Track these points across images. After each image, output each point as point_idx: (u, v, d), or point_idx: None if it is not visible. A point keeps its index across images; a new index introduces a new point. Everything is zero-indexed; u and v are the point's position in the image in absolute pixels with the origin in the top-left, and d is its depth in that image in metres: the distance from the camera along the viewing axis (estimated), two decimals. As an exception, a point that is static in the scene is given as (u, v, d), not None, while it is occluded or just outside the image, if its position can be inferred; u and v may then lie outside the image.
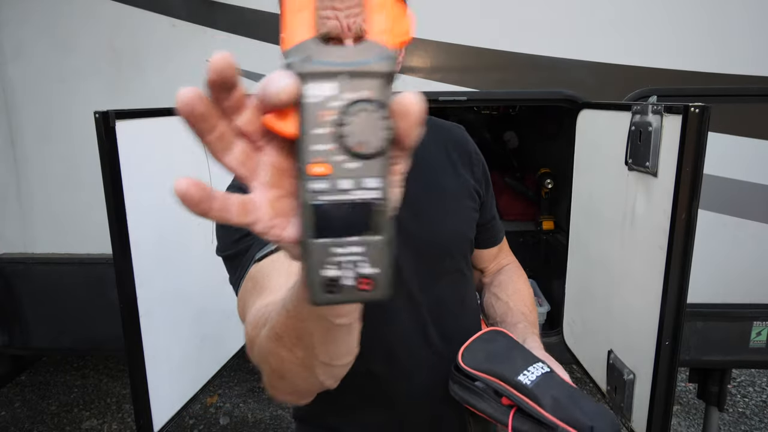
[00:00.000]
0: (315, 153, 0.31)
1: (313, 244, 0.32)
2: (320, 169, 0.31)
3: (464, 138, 1.04)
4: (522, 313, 0.99)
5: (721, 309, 1.88)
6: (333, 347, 0.50)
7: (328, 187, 0.31)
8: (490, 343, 0.83)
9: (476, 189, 1.00)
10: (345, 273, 0.32)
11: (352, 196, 0.32)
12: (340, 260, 0.32)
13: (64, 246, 2.07)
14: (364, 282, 0.33)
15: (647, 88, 1.80)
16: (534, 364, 0.77)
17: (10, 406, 3.01)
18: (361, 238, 0.32)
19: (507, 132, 3.35)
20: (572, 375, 3.27)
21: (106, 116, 1.33)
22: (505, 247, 1.15)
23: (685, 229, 1.10)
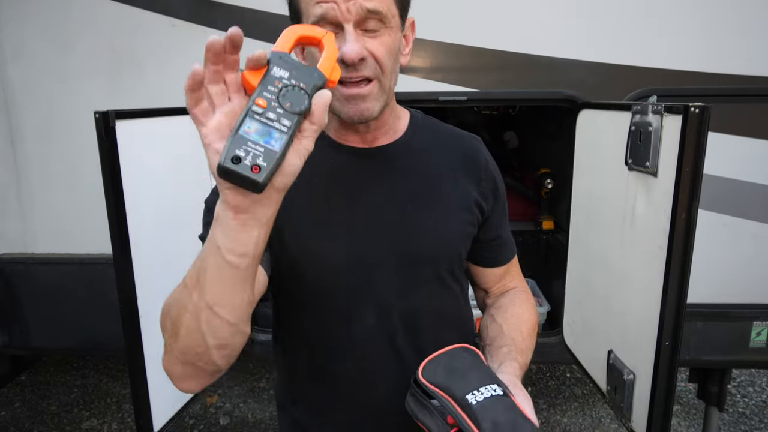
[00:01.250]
0: (262, 96, 0.55)
1: (240, 134, 0.53)
2: (262, 102, 0.55)
3: (476, 149, 1.00)
4: (512, 338, 0.93)
5: (721, 309, 1.88)
6: (220, 289, 0.62)
7: (261, 112, 0.54)
8: (454, 359, 0.79)
9: (478, 203, 0.96)
10: (246, 156, 0.52)
11: (273, 124, 0.54)
12: (249, 150, 0.53)
13: (64, 246, 2.07)
14: (255, 168, 0.52)
15: (647, 88, 1.80)
16: (488, 385, 0.72)
17: (10, 406, 3.01)
18: (266, 145, 0.53)
19: (507, 132, 3.36)
20: (572, 375, 3.27)
21: (106, 116, 1.33)
22: (513, 270, 1.09)
23: (685, 229, 1.10)
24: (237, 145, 0.52)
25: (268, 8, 1.86)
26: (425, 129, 0.98)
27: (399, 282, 0.89)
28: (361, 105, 0.82)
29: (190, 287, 0.64)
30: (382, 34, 0.81)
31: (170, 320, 0.67)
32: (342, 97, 0.82)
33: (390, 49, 0.82)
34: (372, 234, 0.87)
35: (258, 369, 3.39)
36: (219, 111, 0.57)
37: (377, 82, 0.82)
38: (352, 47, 0.77)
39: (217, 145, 0.56)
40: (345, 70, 0.79)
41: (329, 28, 0.78)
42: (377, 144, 0.92)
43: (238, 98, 0.57)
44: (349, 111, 0.82)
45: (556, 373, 3.34)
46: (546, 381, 3.27)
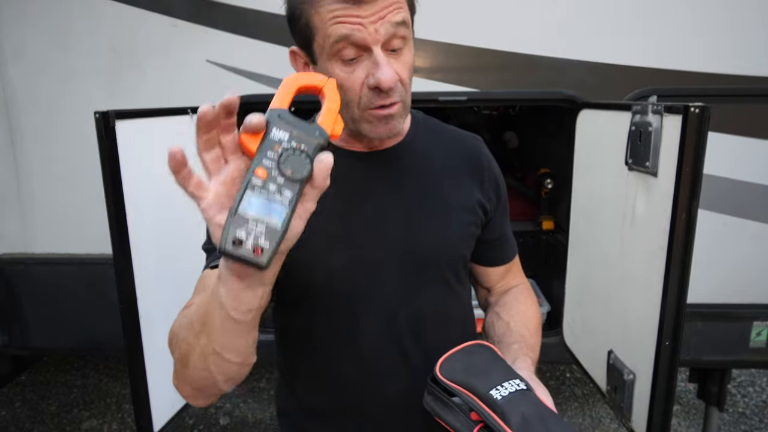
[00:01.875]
0: (262, 164, 0.51)
1: (238, 212, 0.49)
2: (261, 173, 0.50)
3: (478, 150, 1.00)
4: (521, 335, 0.94)
5: (721, 309, 1.88)
6: (226, 339, 0.62)
7: (261, 185, 0.50)
8: (472, 356, 0.79)
9: (481, 204, 0.95)
10: (248, 238, 0.49)
11: (274, 196, 0.51)
12: (250, 230, 0.49)
13: (64, 246, 2.07)
14: (258, 249, 0.50)
15: (647, 88, 1.80)
16: (511, 380, 0.72)
17: (10, 406, 3.01)
18: (267, 224, 0.50)
19: (507, 132, 3.36)
20: (572, 375, 3.27)
21: (106, 116, 1.33)
22: (515, 268, 1.10)
23: (685, 229, 1.10)
24: (237, 225, 0.49)
25: (269, 8, 1.86)
26: (427, 130, 0.97)
27: (404, 285, 0.88)
28: (391, 124, 0.81)
29: (197, 330, 0.64)
30: (404, 52, 0.79)
31: (178, 352, 0.68)
32: (374, 119, 0.80)
33: (411, 66, 0.81)
34: (376, 237, 0.87)
35: (258, 369, 3.39)
36: (215, 180, 0.53)
37: (401, 102, 0.81)
38: (387, 73, 0.74)
39: (219, 219, 0.52)
40: (377, 97, 0.77)
41: (351, 51, 0.75)
42: (381, 147, 0.91)
43: (236, 161, 0.53)
44: (380, 131, 0.81)
45: (556, 373, 3.34)
46: (546, 381, 3.26)
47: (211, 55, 1.92)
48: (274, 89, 1.92)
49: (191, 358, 0.66)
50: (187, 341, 0.66)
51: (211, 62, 1.92)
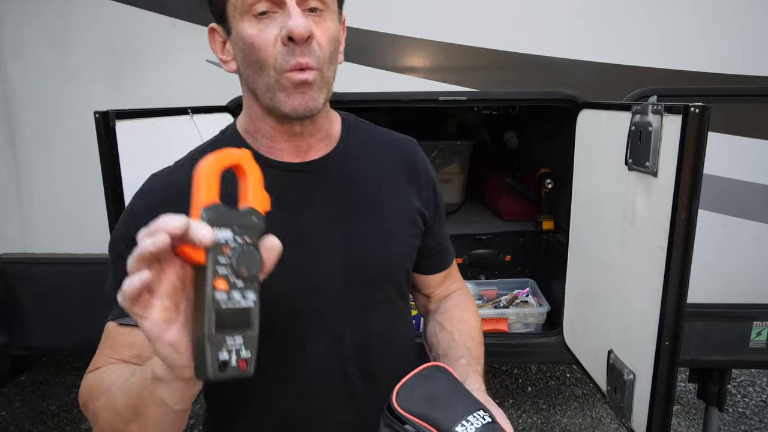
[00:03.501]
0: (219, 274, 0.47)
1: (215, 336, 0.47)
2: (222, 285, 0.47)
3: (414, 154, 0.94)
4: (466, 347, 0.90)
5: (721, 309, 1.88)
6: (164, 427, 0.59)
7: (225, 298, 0.48)
8: (430, 381, 0.73)
9: (421, 213, 0.91)
10: (232, 357, 0.47)
11: (240, 305, 0.48)
12: (230, 348, 0.47)
13: (64, 246, 2.07)
14: (242, 363, 0.48)
15: (647, 88, 1.80)
16: (475, 413, 0.68)
17: (10, 406, 3.01)
18: (242, 332, 0.48)
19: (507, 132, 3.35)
20: (572, 375, 3.27)
21: (106, 116, 1.33)
22: (453, 272, 1.06)
23: (685, 229, 1.10)
24: (216, 349, 0.46)
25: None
26: (359, 135, 0.91)
27: (348, 306, 0.83)
28: (308, 94, 0.73)
29: (126, 419, 0.60)
30: (324, 17, 0.74)
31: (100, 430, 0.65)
32: (289, 84, 0.73)
33: (332, 37, 0.75)
34: (315, 256, 0.81)
35: (258, 369, 3.39)
36: (159, 295, 0.48)
37: (319, 72, 0.74)
38: (300, 21, 0.69)
39: (168, 337, 0.48)
40: (290, 54, 0.71)
41: (263, 6, 0.71)
42: (311, 155, 0.84)
43: (173, 267, 0.48)
44: (294, 102, 0.73)
45: (556, 373, 3.34)
46: (546, 381, 3.26)
47: (211, 55, 1.91)
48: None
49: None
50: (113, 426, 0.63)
51: (211, 62, 1.92)
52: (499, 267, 2.59)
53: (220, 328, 0.47)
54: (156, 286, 0.48)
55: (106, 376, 0.71)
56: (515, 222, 2.78)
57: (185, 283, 0.49)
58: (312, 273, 0.81)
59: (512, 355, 2.24)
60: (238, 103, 1.89)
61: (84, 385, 0.73)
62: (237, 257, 0.48)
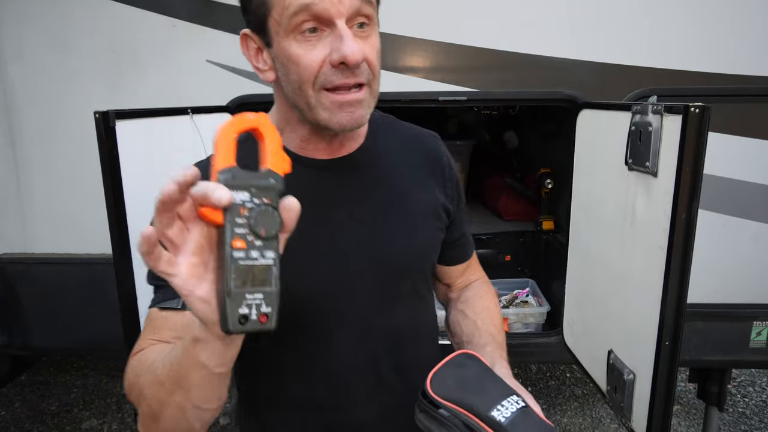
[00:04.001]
0: (236, 234, 0.49)
1: (234, 291, 0.49)
2: (239, 244, 0.49)
3: (438, 150, 0.95)
4: (490, 334, 0.92)
5: (721, 309, 1.88)
6: (207, 392, 0.61)
7: (243, 256, 0.49)
8: (461, 369, 0.76)
9: (445, 207, 0.92)
10: (252, 311, 0.50)
11: (258, 263, 0.50)
12: (250, 302, 0.49)
13: (64, 246, 2.07)
14: (263, 317, 0.50)
15: (647, 88, 1.80)
16: (509, 398, 0.70)
17: (10, 406, 3.01)
18: (262, 289, 0.50)
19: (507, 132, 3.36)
20: (572, 375, 3.27)
21: (106, 116, 1.33)
22: (474, 262, 1.08)
23: (685, 229, 1.10)
24: (236, 304, 0.49)
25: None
26: (386, 130, 0.92)
27: (377, 299, 0.85)
28: (357, 112, 0.73)
29: (169, 389, 0.62)
30: (371, 33, 0.73)
31: (146, 407, 0.66)
32: (334, 105, 0.72)
33: (378, 51, 0.75)
34: (344, 251, 0.82)
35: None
36: (185, 253, 0.50)
37: (367, 88, 0.74)
38: (355, 46, 0.68)
39: (200, 292, 0.51)
40: (341, 76, 0.70)
41: (311, 24, 0.69)
42: (342, 152, 0.85)
43: (197, 227, 0.51)
44: (342, 119, 0.73)
45: (556, 373, 3.34)
46: (546, 381, 3.26)
47: (211, 55, 1.92)
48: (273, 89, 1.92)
49: (165, 413, 0.64)
50: (158, 398, 0.64)
51: (211, 62, 1.92)
52: (499, 267, 2.60)
53: (238, 284, 0.49)
54: (181, 244, 0.50)
55: (149, 354, 0.72)
56: (515, 222, 2.78)
57: (211, 242, 0.51)
58: (342, 268, 0.82)
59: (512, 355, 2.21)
60: (238, 103, 1.89)
61: (128, 368, 0.75)
62: (255, 217, 0.50)
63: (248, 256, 0.50)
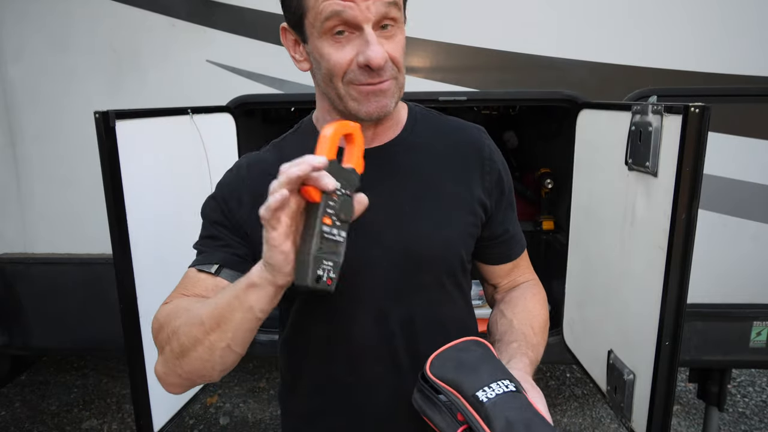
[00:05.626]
0: (326, 213, 0.64)
1: (317, 255, 0.63)
2: (328, 221, 0.64)
3: (480, 142, 0.95)
4: (523, 333, 0.91)
5: (721, 309, 1.88)
6: (242, 334, 0.71)
7: (328, 230, 0.64)
8: (463, 353, 0.76)
9: (482, 201, 0.92)
10: (325, 273, 0.64)
11: (336, 237, 0.65)
12: (325, 267, 0.64)
13: (64, 246, 2.07)
14: (330, 281, 0.65)
15: (647, 88, 1.80)
16: (500, 381, 0.69)
17: (10, 406, 3.01)
18: (334, 259, 0.65)
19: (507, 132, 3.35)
20: (572, 375, 3.27)
21: (106, 116, 1.33)
22: (523, 263, 1.05)
23: (685, 229, 1.10)
24: (316, 266, 0.62)
25: (269, 8, 1.86)
26: (425, 123, 0.94)
27: (397, 286, 0.87)
28: (382, 101, 0.79)
29: (208, 328, 0.71)
30: (396, 33, 0.79)
31: (176, 344, 0.74)
32: (362, 94, 0.79)
33: (403, 47, 0.80)
34: (372, 237, 0.85)
35: (258, 369, 3.39)
36: (283, 215, 0.62)
37: (394, 80, 0.80)
38: (377, 51, 0.74)
39: (284, 247, 0.63)
40: (367, 76, 0.77)
41: (341, 28, 0.75)
42: (377, 141, 0.89)
43: (295, 198, 0.63)
44: (369, 108, 0.79)
45: (556, 373, 3.34)
46: (546, 381, 3.27)
47: (211, 55, 1.92)
48: (273, 89, 1.92)
49: (195, 352, 0.72)
50: (192, 335, 0.72)
51: (211, 62, 1.92)
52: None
53: (321, 252, 0.63)
54: (284, 207, 0.61)
55: (185, 301, 0.81)
56: (515, 222, 2.78)
57: (301, 212, 0.64)
58: (365, 252, 0.84)
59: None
60: (238, 103, 1.90)
61: (159, 314, 0.82)
62: (340, 204, 0.64)
63: (331, 232, 0.64)
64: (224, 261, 0.84)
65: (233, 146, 1.90)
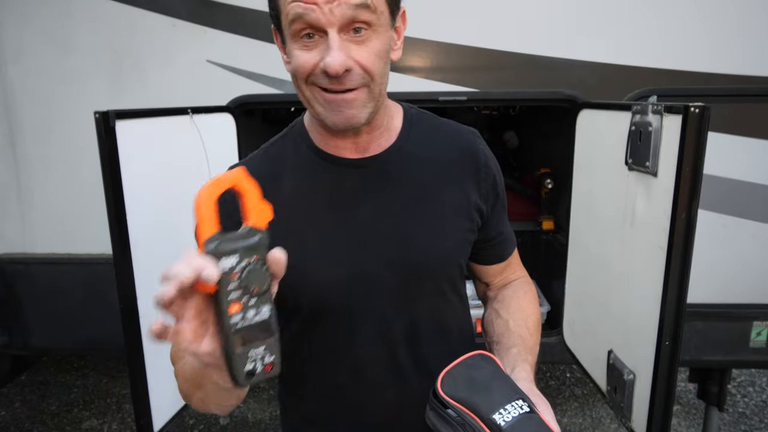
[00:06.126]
0: (231, 300, 0.51)
1: (237, 353, 0.52)
2: (236, 308, 0.51)
3: (475, 147, 0.94)
4: (520, 336, 0.91)
5: (721, 309, 1.88)
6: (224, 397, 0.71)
7: (241, 318, 0.52)
8: (473, 370, 0.76)
9: (478, 207, 0.91)
10: (257, 365, 0.53)
11: (256, 319, 0.53)
12: (254, 358, 0.53)
13: (64, 246, 2.07)
14: (268, 366, 0.54)
15: (647, 88, 1.80)
16: (514, 402, 0.69)
17: (10, 406, 3.01)
18: (263, 341, 0.53)
19: (507, 132, 3.35)
20: (572, 375, 3.27)
21: (106, 116, 1.33)
22: (514, 261, 1.06)
23: (685, 229, 1.10)
24: (242, 363, 0.52)
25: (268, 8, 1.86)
26: (420, 127, 0.92)
27: (399, 297, 0.86)
28: (347, 112, 0.76)
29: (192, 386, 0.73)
30: (369, 38, 0.74)
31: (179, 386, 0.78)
32: (326, 102, 0.76)
33: (379, 54, 0.76)
34: (369, 249, 0.84)
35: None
36: (186, 320, 0.53)
37: (365, 89, 0.76)
38: (335, 58, 0.71)
39: (204, 349, 0.53)
40: (327, 82, 0.74)
41: (308, 31, 0.73)
42: (370, 151, 0.87)
43: (193, 295, 0.53)
44: (335, 119, 0.77)
45: (556, 373, 3.34)
46: (546, 381, 3.27)
47: (211, 55, 1.92)
48: (274, 89, 1.92)
49: (193, 399, 0.76)
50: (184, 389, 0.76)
51: (211, 62, 1.92)
52: (499, 267, 2.59)
53: (240, 346, 0.52)
54: (181, 313, 0.52)
55: None
56: (515, 222, 2.76)
57: (208, 304, 0.53)
58: (365, 262, 0.84)
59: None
60: (238, 103, 1.90)
61: None
62: (246, 279, 0.52)
63: (245, 317, 0.52)
64: None
65: (233, 146, 1.90)
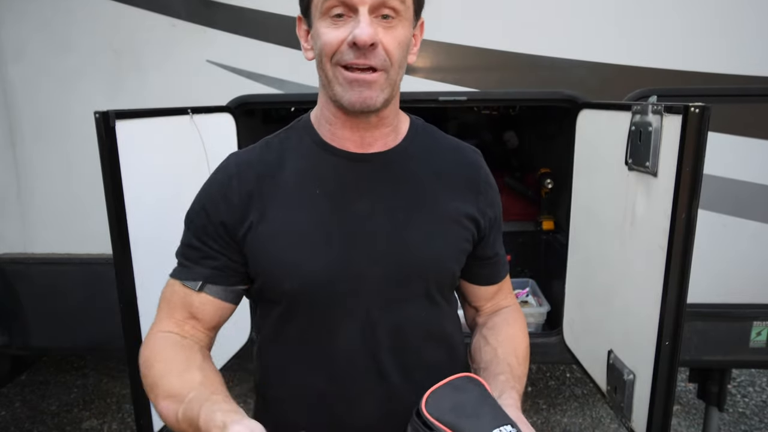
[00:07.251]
0: None
1: None
2: None
3: (476, 163, 0.96)
4: (508, 365, 0.91)
5: (721, 309, 1.88)
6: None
7: None
8: (460, 392, 0.74)
9: (474, 218, 0.92)
10: None
11: None
12: None
13: (64, 246, 2.07)
14: None
15: (647, 88, 1.80)
16: (502, 427, 0.68)
17: (10, 406, 3.01)
18: None
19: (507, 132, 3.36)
20: (572, 375, 3.27)
21: (106, 116, 1.33)
22: (506, 287, 1.06)
23: (685, 229, 1.10)
24: None
25: (269, 8, 1.86)
26: (425, 136, 0.94)
27: (385, 296, 0.85)
28: (366, 92, 0.78)
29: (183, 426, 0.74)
30: (395, 25, 0.78)
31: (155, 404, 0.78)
32: (346, 81, 0.78)
33: (401, 42, 0.80)
34: (358, 244, 0.84)
35: (258, 369, 3.39)
36: None
37: (384, 73, 0.79)
38: (365, 30, 0.74)
39: None
40: (353, 54, 0.76)
41: (340, 10, 0.77)
42: (375, 147, 0.88)
43: None
44: (352, 97, 0.78)
45: (556, 373, 3.34)
46: (546, 381, 3.27)
47: (211, 55, 1.92)
48: (274, 89, 1.92)
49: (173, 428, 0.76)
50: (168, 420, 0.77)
51: (211, 62, 1.92)
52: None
53: None
54: None
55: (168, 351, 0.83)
56: (515, 222, 2.78)
57: None
58: (355, 258, 0.84)
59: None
60: (238, 103, 1.90)
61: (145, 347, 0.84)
62: None
63: None
64: (206, 277, 0.86)
65: (233, 146, 1.90)
